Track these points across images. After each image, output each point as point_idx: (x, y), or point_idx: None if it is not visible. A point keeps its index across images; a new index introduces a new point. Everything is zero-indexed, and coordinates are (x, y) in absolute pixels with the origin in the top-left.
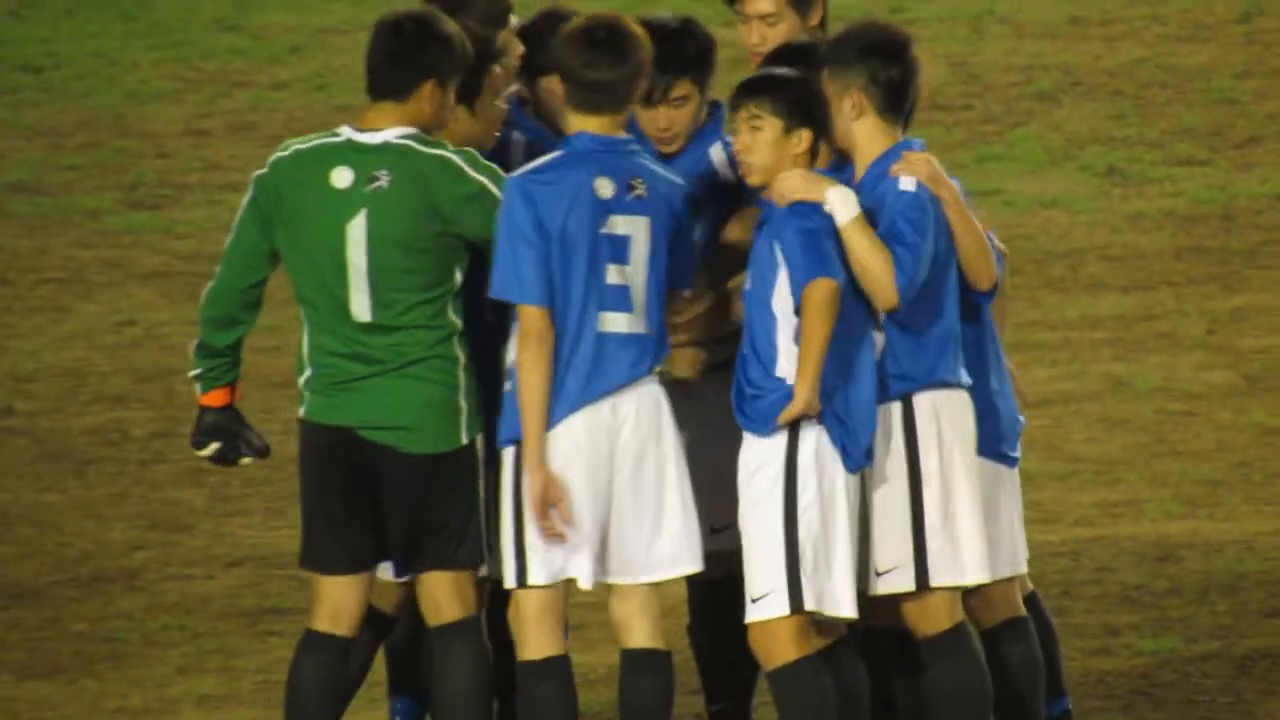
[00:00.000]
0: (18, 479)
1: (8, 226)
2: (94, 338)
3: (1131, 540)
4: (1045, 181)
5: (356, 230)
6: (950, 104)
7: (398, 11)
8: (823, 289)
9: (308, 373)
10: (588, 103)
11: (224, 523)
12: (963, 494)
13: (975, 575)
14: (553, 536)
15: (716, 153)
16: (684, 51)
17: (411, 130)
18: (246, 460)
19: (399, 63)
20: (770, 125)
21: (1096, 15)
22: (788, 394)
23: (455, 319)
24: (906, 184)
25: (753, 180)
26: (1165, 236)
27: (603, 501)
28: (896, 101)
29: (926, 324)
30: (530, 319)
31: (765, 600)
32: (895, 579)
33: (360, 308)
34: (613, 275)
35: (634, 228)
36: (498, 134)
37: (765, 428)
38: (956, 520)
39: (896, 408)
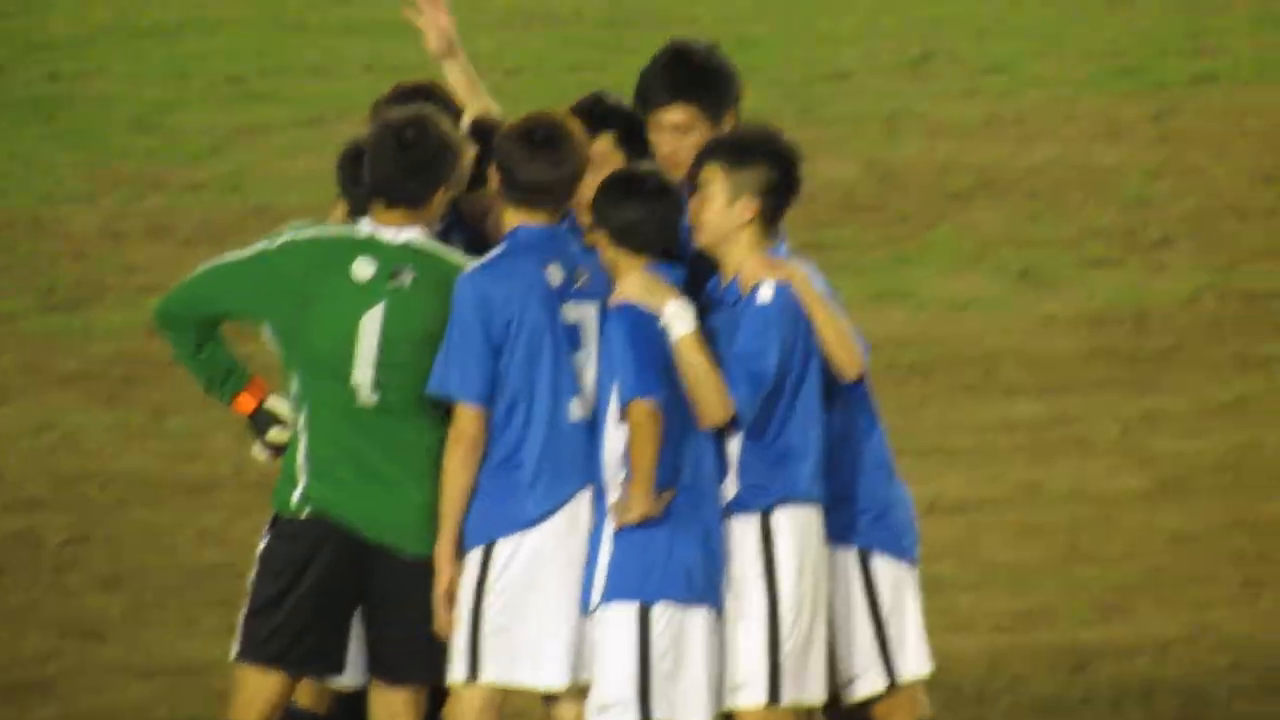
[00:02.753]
0: None
1: None
2: (10, 442)
3: (1046, 648)
4: (960, 283)
5: (371, 322)
6: (864, 204)
7: (395, 119)
8: (641, 410)
9: (301, 459)
10: (526, 201)
11: (141, 631)
12: (820, 613)
13: (819, 693)
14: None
15: None
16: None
17: (426, 231)
18: (280, 438)
19: (411, 176)
20: (718, 189)
21: (1010, 114)
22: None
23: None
24: (763, 294)
25: (697, 240)
26: (1079, 339)
27: (571, 609)
28: (780, 213)
29: (784, 435)
30: (466, 419)
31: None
32: (747, 694)
33: (365, 393)
34: (576, 363)
35: (583, 314)
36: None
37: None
38: (812, 641)
39: (754, 521)
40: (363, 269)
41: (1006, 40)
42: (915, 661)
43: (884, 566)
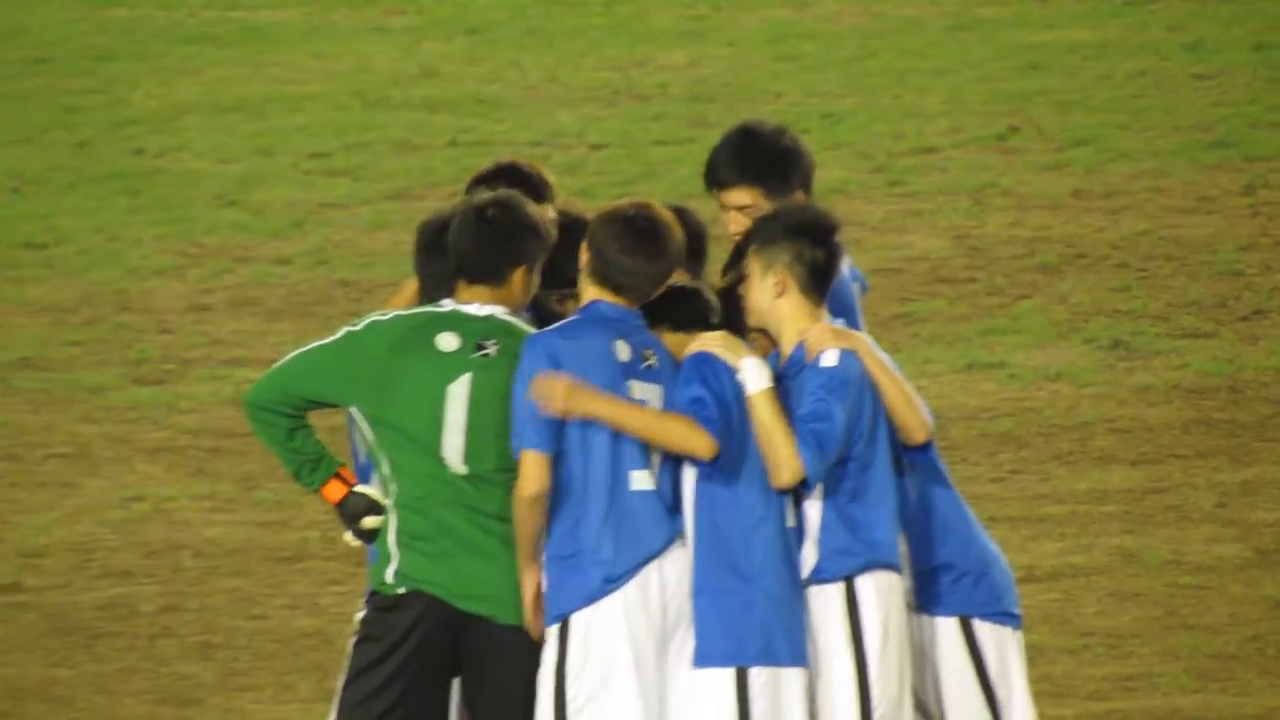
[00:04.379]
0: (27, 654)
1: (12, 402)
2: (101, 512)
3: (1144, 714)
4: (1050, 354)
5: (459, 389)
6: (953, 277)
7: (483, 199)
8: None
9: (393, 536)
10: (614, 285)
11: (234, 697)
12: (906, 678)
13: None
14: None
15: None
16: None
17: (507, 309)
18: (374, 523)
19: (490, 252)
20: (753, 268)
21: (1099, 188)
22: None
23: None
24: (828, 359)
25: (749, 323)
26: (1172, 409)
27: (652, 673)
28: (820, 282)
29: (860, 500)
30: (528, 464)
31: None
32: None
33: (454, 458)
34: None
35: (649, 394)
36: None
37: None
38: (902, 706)
39: (837, 589)
40: (448, 341)
41: (1093, 113)
42: None
43: (988, 631)
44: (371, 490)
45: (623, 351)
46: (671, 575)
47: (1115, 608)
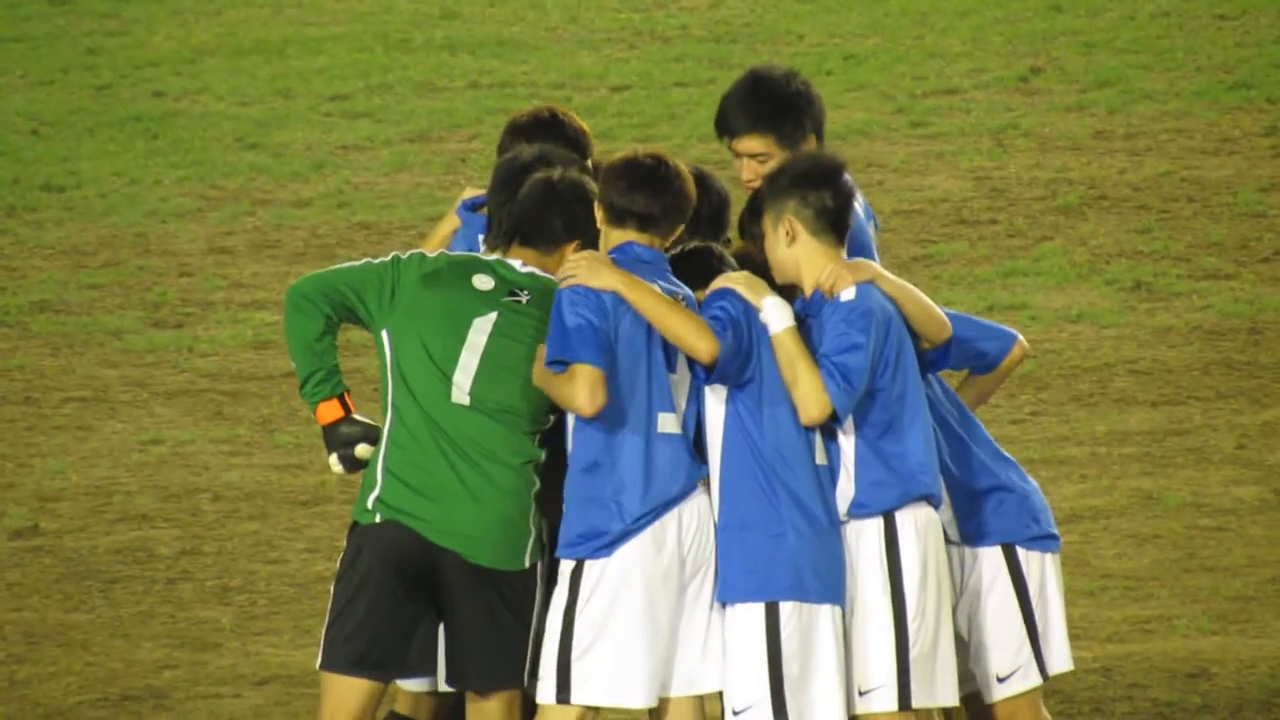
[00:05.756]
0: (44, 598)
1: (31, 345)
2: (119, 456)
3: (1163, 657)
4: (1071, 296)
5: (483, 323)
6: (975, 219)
7: (553, 172)
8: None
9: (380, 466)
10: (630, 219)
11: (251, 641)
12: (945, 614)
13: (950, 695)
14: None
15: None
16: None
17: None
18: (366, 453)
19: (551, 223)
20: (768, 224)
21: (1121, 129)
22: None
23: (539, 451)
24: (846, 294)
25: (778, 281)
26: (1193, 351)
27: (665, 621)
28: (831, 223)
29: (894, 432)
30: (584, 374)
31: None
32: (878, 700)
33: (462, 384)
34: (668, 379)
35: None
36: None
37: None
38: (939, 643)
39: (875, 524)
40: (484, 281)
41: (1115, 54)
42: (1059, 658)
43: (1032, 559)
44: (369, 419)
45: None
46: (691, 523)
47: (1134, 550)
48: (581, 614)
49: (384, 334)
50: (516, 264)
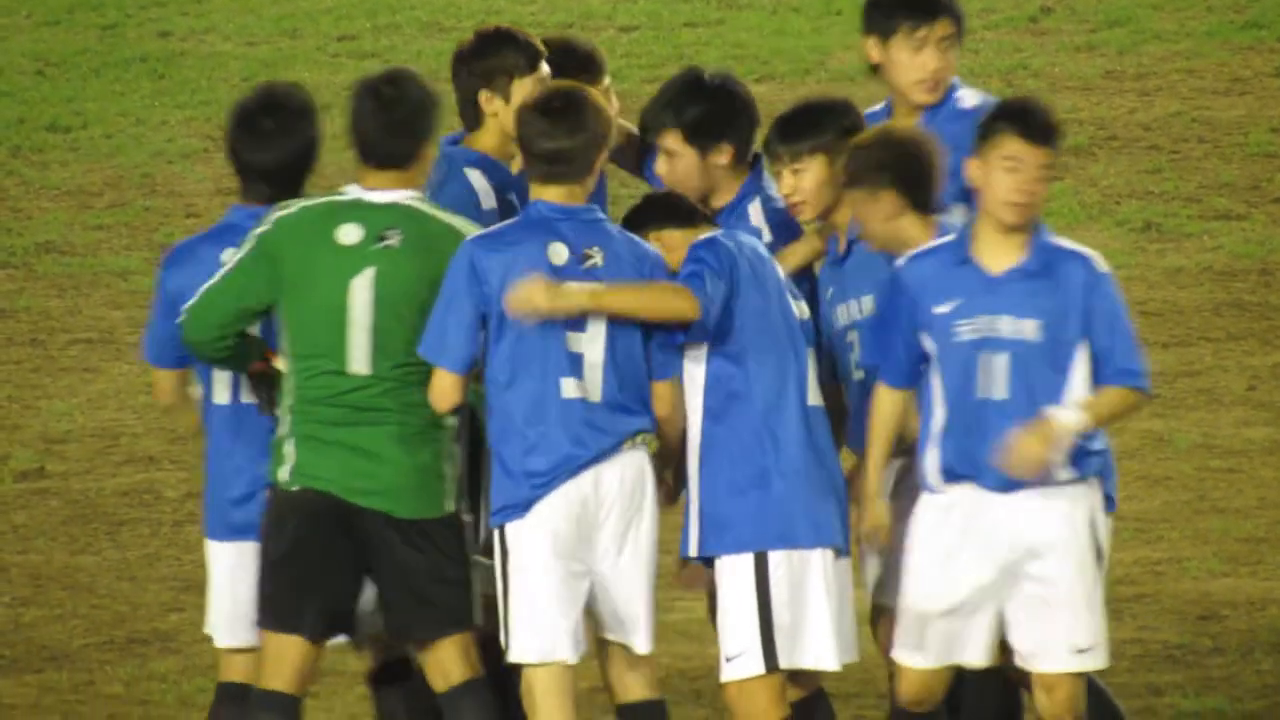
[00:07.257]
0: (50, 541)
1: (37, 286)
2: (126, 398)
3: (1173, 598)
4: (1081, 237)
5: (361, 286)
6: None
7: (370, 76)
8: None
9: (287, 429)
10: (545, 173)
11: None
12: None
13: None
14: None
15: (754, 210)
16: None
17: (416, 193)
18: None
19: (396, 134)
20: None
21: (1131, 69)
22: None
23: None
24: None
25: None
26: (1203, 292)
27: (584, 576)
28: (924, 196)
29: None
30: (441, 382)
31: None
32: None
33: (358, 361)
34: (571, 342)
35: None
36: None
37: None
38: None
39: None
40: (348, 234)
41: None
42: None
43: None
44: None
45: (558, 254)
46: (613, 479)
47: (1145, 492)
48: (510, 579)
49: (277, 312)
50: (376, 195)
